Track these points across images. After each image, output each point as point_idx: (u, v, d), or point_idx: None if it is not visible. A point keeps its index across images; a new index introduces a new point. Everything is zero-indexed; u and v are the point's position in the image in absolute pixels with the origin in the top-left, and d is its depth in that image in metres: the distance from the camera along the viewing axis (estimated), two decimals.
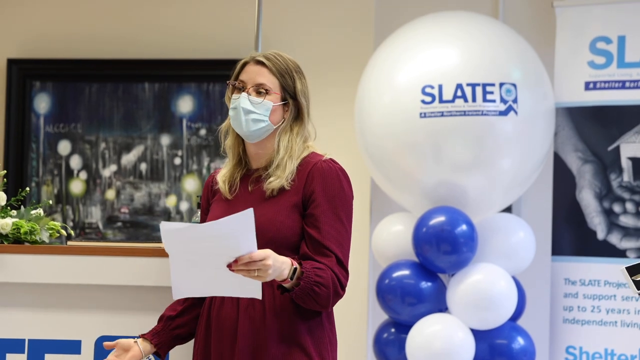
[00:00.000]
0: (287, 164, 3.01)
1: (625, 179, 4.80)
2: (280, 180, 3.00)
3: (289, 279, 2.88)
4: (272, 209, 2.99)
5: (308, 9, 5.64)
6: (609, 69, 4.86)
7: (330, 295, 2.93)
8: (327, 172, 3.01)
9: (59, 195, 5.81)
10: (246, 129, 3.04)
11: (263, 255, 2.80)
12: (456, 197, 4.77)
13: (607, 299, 4.79)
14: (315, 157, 3.05)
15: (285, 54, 3.10)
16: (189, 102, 5.77)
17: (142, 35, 5.77)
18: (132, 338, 3.09)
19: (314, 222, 2.98)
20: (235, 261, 2.79)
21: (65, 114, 5.83)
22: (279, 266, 2.85)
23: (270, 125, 3.04)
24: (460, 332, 4.67)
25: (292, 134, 3.06)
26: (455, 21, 4.97)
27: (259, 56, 3.06)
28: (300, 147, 3.06)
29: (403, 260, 4.83)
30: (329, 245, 2.96)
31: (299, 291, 2.90)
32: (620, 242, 4.80)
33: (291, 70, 3.06)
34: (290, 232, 2.98)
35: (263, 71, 3.04)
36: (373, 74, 4.93)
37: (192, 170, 5.74)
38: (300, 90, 3.06)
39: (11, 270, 3.37)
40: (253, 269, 2.80)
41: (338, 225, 2.99)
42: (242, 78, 3.06)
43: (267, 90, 3.03)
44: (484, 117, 4.70)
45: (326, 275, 2.93)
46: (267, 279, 2.83)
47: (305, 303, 2.94)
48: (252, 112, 3.02)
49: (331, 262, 2.95)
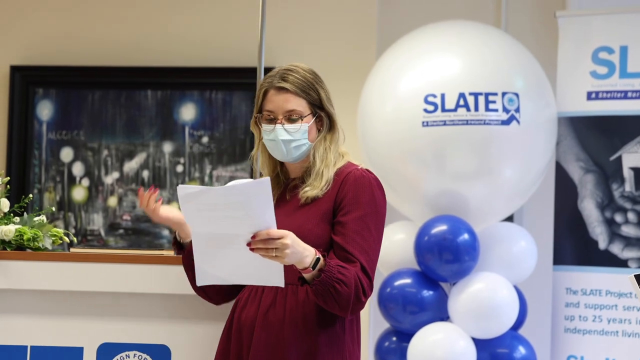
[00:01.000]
0: (323, 173, 3.01)
1: (627, 189, 4.80)
2: (315, 190, 2.99)
3: (311, 267, 2.84)
4: (303, 217, 2.98)
5: (311, 18, 5.65)
6: (611, 79, 4.86)
7: (351, 296, 2.88)
8: (359, 180, 3.00)
9: (61, 202, 5.82)
10: (289, 157, 3.05)
11: (281, 233, 2.77)
12: (458, 206, 4.77)
13: (609, 308, 4.79)
14: (350, 166, 3.05)
15: (298, 63, 3.08)
16: (192, 109, 5.78)
17: (145, 43, 5.78)
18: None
19: (341, 229, 2.96)
20: (254, 237, 2.76)
21: (67, 121, 5.84)
22: (300, 250, 2.81)
23: (310, 144, 3.04)
24: (462, 341, 4.67)
25: (326, 143, 3.05)
26: (457, 30, 4.98)
27: (278, 82, 3.03)
28: (336, 155, 3.06)
29: (405, 268, 4.83)
30: (352, 252, 2.93)
31: (320, 284, 2.84)
32: (621, 252, 4.80)
33: (311, 83, 3.04)
34: (318, 240, 2.95)
35: (288, 97, 3.02)
36: (376, 82, 4.94)
37: (194, 178, 5.75)
38: (325, 99, 3.05)
39: (14, 277, 3.37)
40: (271, 247, 2.77)
41: (365, 233, 2.95)
42: (269, 108, 3.03)
43: (299, 116, 3.02)
44: (486, 127, 4.70)
45: (350, 275, 2.88)
46: (286, 261, 2.79)
47: (325, 302, 2.88)
48: (292, 140, 3.02)
49: (356, 268, 2.91)
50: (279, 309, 2.96)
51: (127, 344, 3.37)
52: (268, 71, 5.04)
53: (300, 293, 2.95)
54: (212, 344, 3.32)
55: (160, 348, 3.37)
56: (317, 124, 3.06)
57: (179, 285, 3.32)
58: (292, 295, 2.96)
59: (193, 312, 3.35)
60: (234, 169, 5.73)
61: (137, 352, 3.38)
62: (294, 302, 2.96)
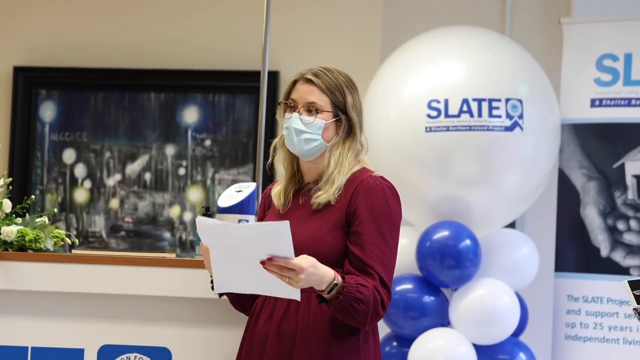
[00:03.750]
0: (335, 178, 2.99)
1: (630, 197, 4.80)
2: (327, 195, 2.98)
3: (327, 292, 2.84)
4: (315, 225, 2.97)
5: (315, 22, 5.65)
6: (615, 87, 4.86)
7: (369, 313, 2.89)
8: (372, 188, 2.98)
9: (63, 203, 5.81)
10: (299, 148, 3.03)
11: (298, 267, 2.76)
12: (460, 212, 4.77)
13: (610, 316, 4.79)
14: (364, 173, 3.03)
15: (337, 67, 3.09)
16: (195, 112, 5.77)
17: (149, 45, 5.78)
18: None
19: (357, 239, 2.94)
20: (270, 259, 2.76)
21: (70, 123, 5.84)
22: (316, 279, 2.81)
23: (324, 143, 3.03)
24: (463, 346, 4.66)
25: (343, 149, 3.03)
26: (461, 36, 4.98)
27: (308, 74, 3.04)
28: (352, 162, 3.03)
29: (406, 274, 4.82)
30: (371, 264, 2.91)
31: (337, 304, 2.85)
32: (623, 259, 4.79)
33: (341, 86, 3.04)
34: (331, 248, 2.95)
35: (313, 89, 3.03)
36: (379, 88, 4.93)
37: (196, 181, 5.75)
38: (351, 105, 3.04)
39: (15, 278, 3.37)
40: (285, 274, 2.77)
41: (381, 244, 2.94)
42: (293, 97, 3.05)
43: (317, 109, 3.01)
44: (489, 133, 4.70)
45: (368, 293, 2.88)
46: (297, 288, 2.79)
47: (343, 317, 2.89)
48: (304, 131, 3.01)
49: (374, 280, 2.91)
50: (292, 319, 2.96)
51: (128, 346, 3.37)
52: (272, 75, 5.09)
53: (314, 302, 2.94)
54: (212, 346, 3.32)
55: (161, 350, 3.37)
56: (337, 127, 3.05)
57: (180, 287, 3.32)
58: (305, 305, 2.95)
59: (194, 315, 3.35)
60: (236, 172, 5.72)
61: (137, 354, 3.37)
62: (306, 313, 2.95)
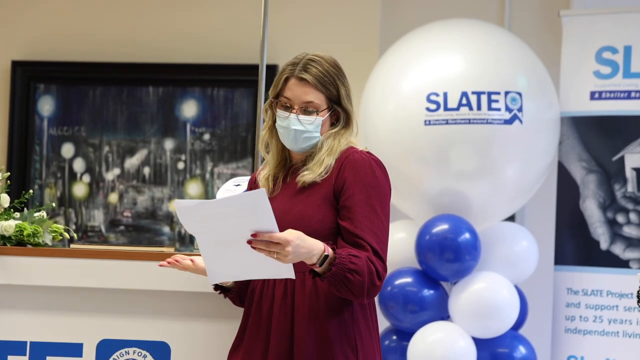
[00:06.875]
0: (324, 160, 2.99)
1: (629, 190, 4.80)
2: (313, 175, 2.97)
3: (318, 264, 2.82)
4: (303, 203, 2.97)
5: (314, 15, 5.65)
6: (615, 79, 4.85)
7: (364, 284, 2.86)
8: (359, 162, 2.98)
9: (62, 198, 5.81)
10: (297, 147, 3.03)
11: (284, 240, 2.75)
12: (460, 205, 4.77)
13: (610, 309, 4.79)
14: (350, 150, 3.02)
15: (322, 54, 3.05)
16: (193, 106, 5.77)
17: (147, 39, 5.77)
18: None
19: (347, 213, 2.94)
20: (255, 235, 2.75)
21: (69, 117, 5.84)
22: (304, 252, 2.78)
23: (320, 137, 3.03)
24: (462, 340, 4.66)
25: (337, 137, 3.03)
26: (460, 29, 4.97)
27: (300, 72, 3.00)
28: (343, 147, 3.03)
29: (406, 267, 4.82)
30: (363, 236, 2.91)
31: (331, 277, 2.82)
32: (623, 252, 4.79)
33: (333, 78, 3.03)
34: (320, 225, 2.94)
35: (308, 89, 3.00)
36: (378, 81, 4.93)
37: (195, 175, 5.74)
38: (344, 96, 3.05)
39: (13, 273, 3.36)
40: (272, 250, 2.76)
41: (372, 216, 2.94)
42: (287, 95, 3.02)
43: (315, 109, 3.01)
44: (488, 126, 4.69)
45: (361, 263, 2.86)
46: (288, 261, 2.77)
47: (339, 291, 2.86)
48: (304, 131, 3.01)
49: (368, 253, 2.89)
50: (289, 299, 2.95)
51: (127, 341, 3.36)
52: (270, 69, 5.09)
53: (309, 281, 2.94)
54: (211, 340, 3.31)
55: (160, 345, 3.36)
56: (331, 118, 3.05)
57: (179, 282, 3.32)
58: (300, 285, 2.95)
59: (193, 309, 3.35)
60: (235, 166, 5.72)
61: (136, 349, 3.37)
62: (302, 291, 2.95)
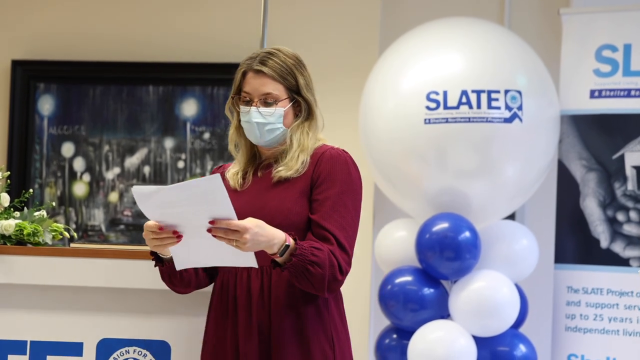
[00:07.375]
0: (299, 157, 3.01)
1: (630, 188, 4.80)
2: (289, 172, 2.99)
3: (279, 254, 2.84)
4: (280, 196, 2.99)
5: (313, 14, 5.65)
6: (615, 77, 4.85)
7: (325, 277, 2.88)
8: (335, 158, 3.01)
9: (62, 197, 5.81)
10: (262, 140, 3.05)
11: (242, 227, 2.77)
12: (460, 204, 4.77)
13: (610, 307, 4.79)
14: (325, 147, 3.06)
15: (281, 47, 3.08)
16: (193, 105, 5.77)
17: (147, 38, 5.77)
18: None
19: (317, 206, 2.96)
20: (213, 222, 2.77)
21: (69, 116, 5.83)
22: (263, 240, 2.81)
23: (285, 129, 3.05)
24: (462, 338, 4.66)
25: (304, 129, 3.05)
26: (460, 27, 4.97)
27: (257, 64, 3.04)
28: (314, 141, 3.06)
29: (406, 266, 4.82)
30: (329, 228, 2.92)
31: (292, 267, 2.84)
32: (623, 250, 4.79)
33: (290, 69, 3.04)
34: (297, 218, 2.96)
35: (265, 80, 3.03)
36: (378, 79, 4.93)
37: (195, 174, 5.74)
38: (303, 86, 3.06)
39: (14, 272, 3.36)
40: (231, 237, 2.77)
41: (342, 209, 2.96)
42: (246, 90, 3.05)
43: (275, 99, 3.02)
44: (488, 124, 4.69)
45: (323, 256, 2.87)
46: (247, 249, 2.79)
47: (300, 283, 2.89)
48: (266, 123, 3.03)
49: (332, 245, 2.91)
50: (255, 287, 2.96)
51: (127, 340, 3.36)
52: None
53: (274, 274, 2.96)
54: None
55: (160, 344, 3.36)
56: (295, 110, 3.07)
57: None
58: (266, 276, 2.96)
59: (193, 308, 3.35)
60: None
61: (136, 348, 3.37)
62: (267, 282, 2.96)
